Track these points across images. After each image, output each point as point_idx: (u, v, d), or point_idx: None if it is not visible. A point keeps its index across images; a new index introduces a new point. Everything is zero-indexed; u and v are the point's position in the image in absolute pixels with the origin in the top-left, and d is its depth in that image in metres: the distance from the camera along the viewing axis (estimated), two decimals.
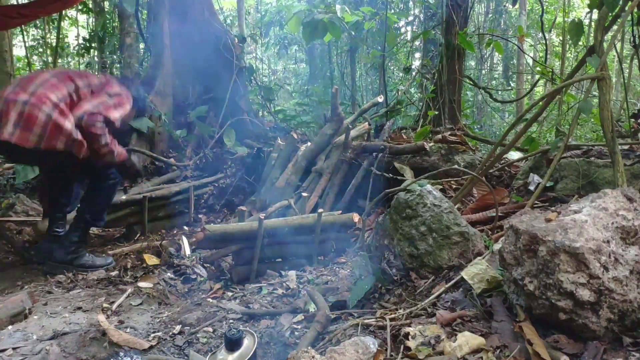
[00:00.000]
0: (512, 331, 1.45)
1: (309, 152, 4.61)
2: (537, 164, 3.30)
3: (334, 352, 1.40)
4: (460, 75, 6.20)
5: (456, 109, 6.17)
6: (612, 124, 2.28)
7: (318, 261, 3.38)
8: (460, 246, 2.10)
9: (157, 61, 6.46)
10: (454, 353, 1.37)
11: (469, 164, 4.25)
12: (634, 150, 2.99)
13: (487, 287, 1.73)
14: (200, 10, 6.82)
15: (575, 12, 12.88)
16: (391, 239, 2.29)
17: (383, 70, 7.40)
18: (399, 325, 1.64)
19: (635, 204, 1.52)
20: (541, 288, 1.39)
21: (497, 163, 3.46)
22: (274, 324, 2.25)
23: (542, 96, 2.95)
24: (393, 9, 9.24)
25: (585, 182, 2.80)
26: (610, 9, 2.44)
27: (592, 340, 1.32)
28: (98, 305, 2.46)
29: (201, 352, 2.06)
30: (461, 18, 6.13)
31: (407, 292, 2.07)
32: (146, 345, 2.06)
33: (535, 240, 1.43)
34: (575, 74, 2.84)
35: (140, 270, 3.17)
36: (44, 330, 2.11)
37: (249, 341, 1.77)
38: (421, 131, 4.62)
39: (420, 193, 2.24)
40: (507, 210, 2.80)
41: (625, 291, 1.32)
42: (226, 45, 6.79)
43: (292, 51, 14.50)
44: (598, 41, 2.46)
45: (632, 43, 3.07)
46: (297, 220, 3.35)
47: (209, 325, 2.29)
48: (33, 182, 5.11)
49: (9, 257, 3.38)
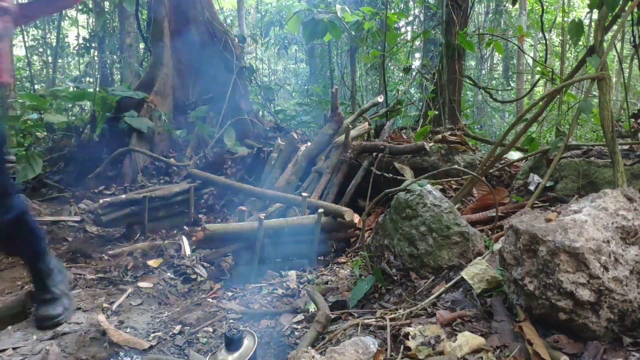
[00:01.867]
0: (512, 331, 1.45)
1: (309, 152, 4.61)
2: (537, 164, 3.30)
3: (334, 352, 1.40)
4: (460, 75, 6.20)
5: (456, 109, 6.17)
6: (612, 124, 2.28)
7: (318, 261, 3.38)
8: (460, 246, 2.10)
9: (157, 61, 6.46)
10: (454, 353, 1.37)
11: (469, 164, 4.25)
12: (634, 150, 2.99)
13: (487, 287, 1.73)
14: (200, 10, 6.82)
15: (575, 12, 12.88)
16: (391, 239, 2.29)
17: (383, 70, 7.39)
18: (399, 325, 1.64)
19: (635, 204, 1.52)
20: (541, 288, 1.39)
21: (497, 163, 3.46)
22: (274, 324, 2.25)
23: (542, 96, 2.95)
24: (393, 9, 9.24)
25: (585, 182, 2.80)
26: (610, 9, 2.44)
27: (592, 340, 1.32)
28: (98, 305, 2.46)
29: (201, 352, 2.06)
30: (461, 18, 6.13)
31: (407, 292, 2.07)
32: (146, 345, 2.06)
33: (535, 240, 1.43)
34: (575, 74, 2.84)
35: (141, 270, 3.17)
36: (44, 330, 2.10)
37: (249, 341, 1.77)
38: (421, 131, 4.62)
39: (420, 193, 2.24)
40: (507, 210, 2.80)
41: (625, 291, 1.32)
42: (226, 45, 6.79)
43: (292, 51, 14.52)
44: (598, 41, 2.46)
45: (632, 43, 3.07)
46: (297, 220, 3.35)
47: (209, 325, 2.29)
48: (33, 182, 5.11)
49: (9, 257, 3.39)
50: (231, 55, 6.75)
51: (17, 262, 3.28)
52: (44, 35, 10.90)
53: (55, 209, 4.67)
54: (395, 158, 4.43)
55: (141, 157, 5.79)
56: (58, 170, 5.80)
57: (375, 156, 4.44)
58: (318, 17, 5.46)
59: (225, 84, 6.65)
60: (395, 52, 9.45)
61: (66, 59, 12.44)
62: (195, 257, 3.32)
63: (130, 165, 5.63)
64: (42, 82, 11.71)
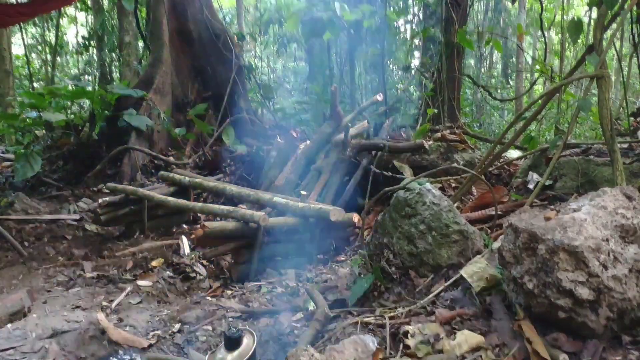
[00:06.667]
0: (511, 329, 1.45)
1: (308, 150, 4.61)
2: (536, 163, 3.30)
3: (333, 350, 1.40)
4: (459, 74, 6.20)
5: (455, 107, 6.17)
6: (611, 123, 2.28)
7: (317, 260, 3.38)
8: (459, 245, 2.10)
9: (156, 59, 6.45)
10: (453, 351, 1.38)
11: (468, 163, 4.24)
12: (633, 148, 2.99)
13: (486, 286, 1.73)
14: (199, 9, 6.81)
15: (574, 11, 12.88)
16: (390, 238, 2.29)
17: (382, 68, 7.39)
18: (398, 324, 1.64)
19: (634, 203, 1.52)
20: (540, 286, 1.39)
21: (496, 161, 3.46)
22: (274, 323, 2.25)
23: (541, 94, 2.95)
24: (392, 8, 9.23)
25: (585, 181, 2.80)
26: (610, 7, 2.44)
27: (591, 338, 1.32)
28: (97, 304, 2.46)
29: (200, 351, 2.06)
30: (460, 16, 6.13)
31: (406, 290, 2.07)
32: (145, 343, 2.06)
33: (534, 239, 1.43)
34: (575, 72, 2.84)
35: (140, 268, 3.17)
36: (43, 328, 2.10)
37: (249, 340, 1.76)
38: (420, 129, 4.62)
39: (419, 191, 2.24)
40: (506, 209, 2.80)
41: (624, 289, 1.32)
42: (225, 43, 6.78)
43: (291, 49, 14.49)
44: (597, 39, 2.46)
45: (631, 41, 3.07)
46: (296, 219, 3.34)
47: (208, 323, 2.29)
48: (32, 181, 5.11)
49: (8, 256, 3.38)
50: (230, 54, 6.74)
51: (16, 260, 3.28)
52: (43, 33, 10.88)
53: (54, 207, 4.67)
54: (395, 156, 4.42)
55: (140, 155, 5.79)
56: (57, 168, 5.80)
57: (374, 154, 4.44)
58: (317, 16, 5.45)
59: (225, 82, 6.64)
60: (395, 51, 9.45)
61: (65, 57, 12.41)
62: (194, 256, 3.32)
63: (130, 164, 5.62)
64: (41, 80, 11.69)
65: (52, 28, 10.39)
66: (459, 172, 3.85)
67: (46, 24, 10.59)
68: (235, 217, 3.19)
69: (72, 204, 4.75)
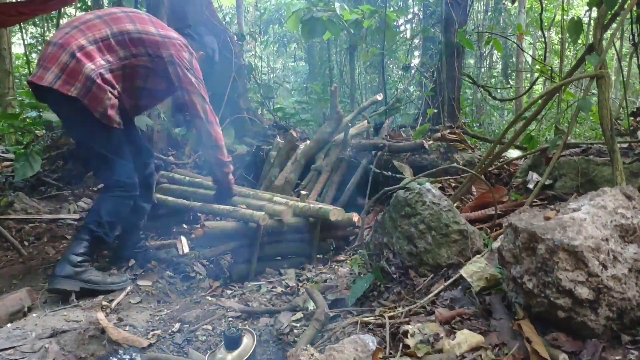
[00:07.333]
0: (510, 329, 1.45)
1: (308, 150, 4.61)
2: (536, 162, 3.30)
3: (333, 350, 1.41)
4: (459, 73, 6.20)
5: (455, 107, 6.17)
6: (611, 122, 2.28)
7: (317, 259, 3.38)
8: (459, 244, 2.10)
9: None
10: (453, 351, 1.38)
11: (468, 162, 4.25)
12: (632, 148, 2.99)
13: (486, 285, 1.73)
14: (199, 8, 6.81)
15: (574, 10, 12.88)
16: (390, 237, 2.29)
17: (382, 68, 7.39)
18: (397, 323, 1.64)
19: (634, 202, 1.52)
20: (540, 286, 1.39)
21: (496, 161, 3.46)
22: (273, 322, 2.25)
23: (541, 94, 2.95)
24: (392, 7, 9.23)
25: (584, 181, 2.80)
26: (610, 7, 2.44)
27: (590, 338, 1.32)
28: (97, 303, 2.46)
29: (200, 350, 2.07)
30: (460, 16, 6.14)
31: (406, 290, 2.07)
32: (145, 343, 2.07)
33: (534, 239, 1.43)
34: (575, 72, 2.84)
35: (139, 268, 3.17)
36: (43, 328, 2.10)
37: (248, 339, 1.77)
38: (420, 129, 4.62)
39: (419, 191, 2.24)
40: (506, 209, 2.80)
41: (624, 289, 1.33)
42: (225, 43, 6.78)
43: (291, 49, 14.50)
44: (597, 39, 2.46)
45: (631, 41, 3.07)
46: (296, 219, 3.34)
47: (208, 323, 2.30)
48: (32, 180, 5.10)
49: (8, 255, 3.38)
50: (230, 53, 6.73)
51: (15, 260, 3.28)
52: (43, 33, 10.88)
53: (54, 207, 4.66)
54: (395, 156, 4.43)
55: None
56: (57, 168, 5.79)
57: (374, 154, 4.44)
58: (317, 16, 5.45)
59: (224, 82, 6.63)
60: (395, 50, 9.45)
61: None
62: (194, 255, 3.32)
63: None
64: None
65: (52, 28, 10.39)
66: (459, 172, 3.85)
67: (46, 24, 10.59)
68: (235, 217, 3.20)
69: (72, 204, 4.74)
